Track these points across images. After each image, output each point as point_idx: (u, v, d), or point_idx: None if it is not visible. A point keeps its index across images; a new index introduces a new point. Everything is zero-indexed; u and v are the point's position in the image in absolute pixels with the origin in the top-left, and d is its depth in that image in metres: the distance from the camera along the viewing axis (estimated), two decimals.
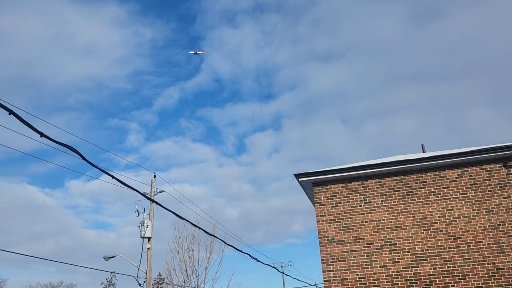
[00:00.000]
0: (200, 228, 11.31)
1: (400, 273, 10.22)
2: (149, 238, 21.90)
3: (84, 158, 5.70)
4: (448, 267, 9.95)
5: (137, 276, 21.16)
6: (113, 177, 6.76)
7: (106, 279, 78.95)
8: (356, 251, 10.73)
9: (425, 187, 10.80)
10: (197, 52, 66.22)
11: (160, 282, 55.88)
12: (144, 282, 21.59)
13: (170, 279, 21.76)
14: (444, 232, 10.24)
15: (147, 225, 21.72)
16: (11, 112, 4.72)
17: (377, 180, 11.18)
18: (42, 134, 4.94)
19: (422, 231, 10.38)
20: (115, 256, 23.03)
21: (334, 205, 11.34)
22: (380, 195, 11.03)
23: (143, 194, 8.90)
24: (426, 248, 10.22)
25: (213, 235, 14.97)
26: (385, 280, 10.28)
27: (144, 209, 22.13)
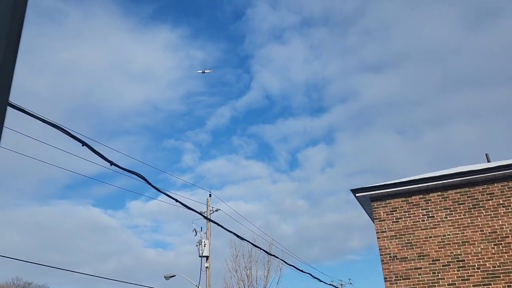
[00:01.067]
0: (258, 248, 11.30)
1: None
2: (207, 257, 22.17)
3: (149, 184, 5.94)
4: None
5: None
6: (176, 200, 6.96)
7: None
8: (421, 268, 10.26)
9: (492, 199, 10.18)
10: (205, 71, 67.45)
11: None
12: None
13: None
14: None
15: (205, 244, 22.02)
16: (84, 143, 5.01)
17: (439, 193, 10.69)
18: (112, 163, 5.21)
19: (493, 245, 9.75)
20: (175, 275, 23.49)
21: (395, 220, 10.95)
22: (444, 209, 10.52)
23: (200, 213, 9.06)
24: (498, 264, 9.57)
25: (272, 255, 14.89)
26: None
27: (201, 228, 22.49)
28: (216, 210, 23.58)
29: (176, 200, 7.80)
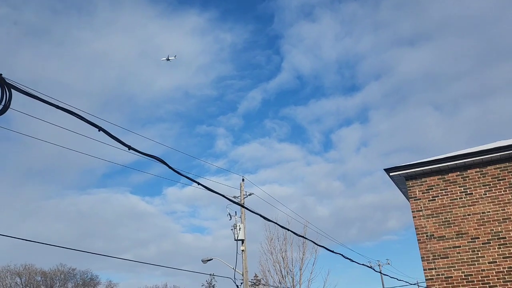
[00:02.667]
0: (288, 230, 11.32)
1: None
2: (242, 241, 22.44)
3: (170, 167, 5.98)
4: None
5: (234, 278, 21.78)
6: (199, 183, 7.03)
7: (206, 281, 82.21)
8: (459, 246, 10.00)
9: None
10: (169, 58, 66.10)
11: (257, 283, 56.95)
12: (241, 283, 22.14)
13: (266, 280, 22.06)
14: None
15: (240, 228, 22.27)
16: (100, 128, 5.08)
17: (478, 169, 10.33)
18: (130, 147, 5.27)
19: None
20: (212, 259, 23.95)
21: (431, 199, 10.69)
22: (483, 185, 10.18)
23: (232, 200, 9.11)
24: None
25: (303, 236, 14.89)
26: (495, 277, 9.45)
27: (236, 212, 22.75)
28: (250, 195, 23.75)
29: (205, 187, 7.87)
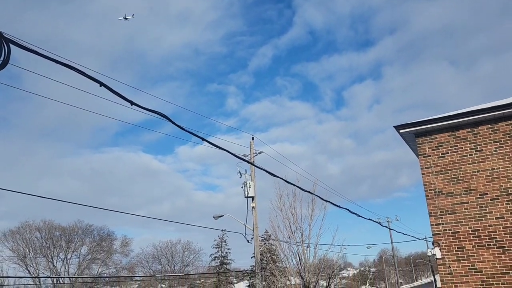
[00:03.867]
0: (294, 185, 11.43)
1: None
2: (252, 198, 22.83)
3: (173, 123, 5.97)
4: None
5: (245, 233, 22.33)
6: (203, 139, 7.04)
7: (218, 236, 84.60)
8: (467, 202, 10.05)
9: None
10: (127, 17, 63.89)
11: (267, 239, 58.40)
12: (252, 238, 22.72)
13: (275, 236, 22.54)
14: None
15: (250, 186, 22.60)
16: (101, 84, 5.04)
17: (489, 126, 10.19)
18: (132, 103, 5.24)
19: None
20: (223, 215, 24.49)
21: (441, 155, 10.64)
22: (494, 142, 10.07)
23: (242, 158, 9.18)
24: None
25: (309, 192, 15.03)
26: (502, 232, 9.53)
27: (246, 170, 23.00)
28: (259, 153, 23.92)
29: (213, 144, 7.90)
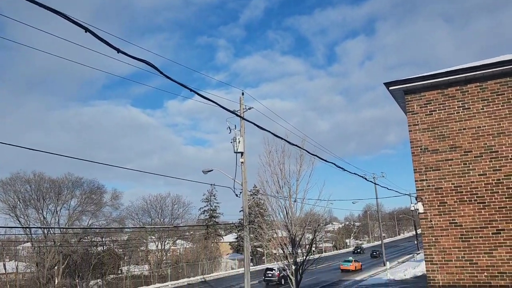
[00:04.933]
0: (282, 139, 11.51)
1: (501, 181, 9.66)
2: (241, 153, 23.01)
3: (161, 73, 5.87)
4: None
5: (234, 188, 22.68)
6: (196, 93, 6.98)
7: (207, 190, 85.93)
8: (452, 159, 10.26)
9: None
10: None
11: (255, 193, 59.46)
12: (241, 193, 23.10)
13: (264, 190, 22.90)
14: None
15: (239, 141, 22.72)
16: (87, 29, 4.88)
17: (478, 84, 10.25)
18: (118, 50, 5.10)
19: None
20: (212, 170, 24.75)
21: (428, 113, 10.74)
22: (481, 100, 10.17)
23: (230, 111, 9.15)
24: None
25: (297, 146, 15.17)
26: (484, 189, 9.82)
27: (235, 125, 23.04)
28: (249, 109, 23.89)
29: (202, 96, 7.84)
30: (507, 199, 9.55)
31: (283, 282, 39.86)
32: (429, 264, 10.22)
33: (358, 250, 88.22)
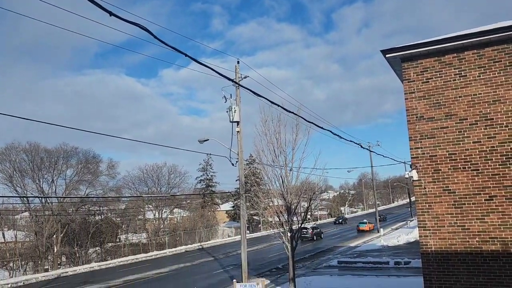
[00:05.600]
0: (279, 106, 11.47)
1: (495, 148, 9.73)
2: (237, 122, 22.98)
3: (155, 37, 5.74)
4: None
5: (230, 157, 22.76)
6: (192, 58, 6.87)
7: (204, 160, 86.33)
8: (447, 127, 10.30)
9: None
10: None
11: (251, 162, 59.80)
12: (237, 162, 23.21)
13: (260, 160, 23.00)
14: None
15: (235, 110, 22.65)
16: None
17: (475, 51, 10.16)
18: (111, 13, 4.97)
19: None
20: (208, 139, 24.76)
21: (425, 81, 10.69)
22: (478, 67, 10.11)
23: (227, 77, 9.06)
24: None
25: (293, 113, 15.13)
26: (477, 156, 9.91)
27: (231, 94, 22.91)
28: (245, 77, 23.70)
29: (198, 62, 7.74)
30: (500, 166, 9.65)
31: (315, 238, 52.41)
32: (422, 230, 10.42)
33: (340, 221, 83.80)
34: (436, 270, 10.12)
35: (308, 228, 52.80)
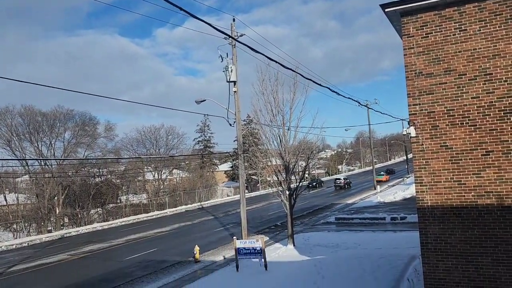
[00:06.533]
0: (277, 62, 11.34)
1: (493, 103, 9.70)
2: (234, 82, 22.77)
3: None
4: None
5: (227, 117, 22.71)
6: (187, 12, 6.70)
7: (201, 121, 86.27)
8: (446, 83, 10.21)
9: None
10: None
11: (249, 123, 59.77)
12: (234, 122, 23.18)
13: (257, 119, 23.01)
14: None
15: (231, 70, 22.38)
16: None
17: (476, 4, 9.92)
18: None
19: None
20: (205, 100, 24.61)
21: (424, 36, 10.50)
22: (479, 21, 9.90)
23: (223, 32, 8.86)
24: None
25: (291, 69, 15.00)
26: (476, 111, 9.89)
27: (227, 54, 22.55)
28: (241, 35, 23.27)
29: (196, 17, 7.57)
30: (498, 121, 9.66)
31: (346, 187, 64.00)
32: (418, 186, 10.55)
33: (314, 184, 69.51)
34: (431, 224, 10.34)
35: (341, 179, 66.87)
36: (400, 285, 12.71)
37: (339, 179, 67.48)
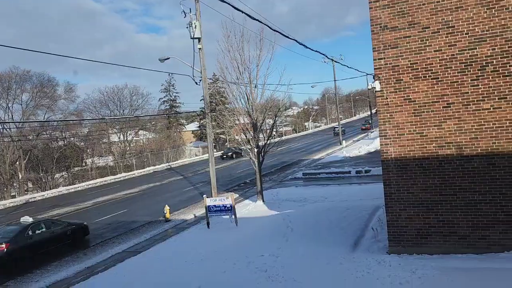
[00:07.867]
0: (243, 12, 11.07)
1: (455, 56, 9.91)
2: (199, 39, 22.18)
3: None
4: (509, 47, 9.43)
5: (193, 75, 22.27)
6: None
7: (166, 80, 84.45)
8: (410, 36, 10.31)
9: None
10: None
11: (215, 81, 59.02)
12: (200, 80, 22.79)
13: (223, 77, 22.67)
14: (510, 9, 9.37)
15: (195, 26, 21.73)
16: None
17: None
18: None
19: (485, 10, 9.55)
20: (169, 58, 23.98)
21: None
22: None
23: None
24: (486, 28, 9.57)
25: (258, 20, 14.71)
26: (438, 65, 10.09)
27: (190, 9, 21.80)
28: None
29: None
30: (459, 74, 9.91)
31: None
32: (383, 138, 10.84)
33: (225, 157, 56.27)
34: (395, 175, 10.73)
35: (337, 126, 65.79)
36: (365, 234, 13.29)
37: (336, 127, 69.83)
